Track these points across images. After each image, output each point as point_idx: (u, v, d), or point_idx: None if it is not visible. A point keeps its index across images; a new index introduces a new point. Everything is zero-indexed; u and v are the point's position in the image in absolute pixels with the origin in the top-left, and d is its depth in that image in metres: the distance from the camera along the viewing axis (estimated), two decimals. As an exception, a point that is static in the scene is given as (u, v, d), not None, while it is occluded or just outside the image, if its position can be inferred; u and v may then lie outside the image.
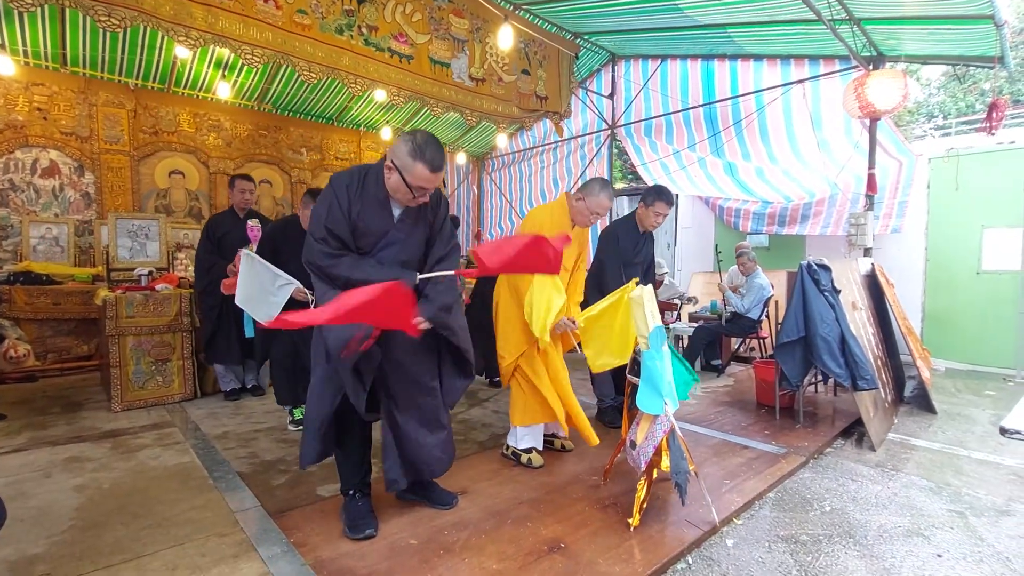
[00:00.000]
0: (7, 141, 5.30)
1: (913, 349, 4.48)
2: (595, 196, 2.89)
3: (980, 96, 14.89)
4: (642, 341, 2.42)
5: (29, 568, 1.96)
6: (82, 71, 5.60)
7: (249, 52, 3.67)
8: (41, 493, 2.58)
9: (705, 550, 2.26)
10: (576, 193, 2.98)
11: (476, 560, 2.05)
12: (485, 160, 9.34)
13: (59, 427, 3.60)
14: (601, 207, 2.90)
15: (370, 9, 4.24)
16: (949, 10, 3.78)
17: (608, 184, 2.98)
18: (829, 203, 6.00)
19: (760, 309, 5.38)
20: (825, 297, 3.71)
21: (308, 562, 2.02)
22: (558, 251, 2.00)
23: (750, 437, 3.56)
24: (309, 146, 7.30)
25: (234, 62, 5.79)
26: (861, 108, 4.37)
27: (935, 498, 2.79)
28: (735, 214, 7.30)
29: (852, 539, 2.36)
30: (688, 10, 4.76)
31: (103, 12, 3.16)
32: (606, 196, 2.90)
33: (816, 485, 2.94)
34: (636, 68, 6.89)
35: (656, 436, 2.32)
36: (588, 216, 2.94)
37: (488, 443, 3.43)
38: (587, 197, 2.91)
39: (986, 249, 5.99)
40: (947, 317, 6.24)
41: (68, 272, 5.28)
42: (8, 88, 5.27)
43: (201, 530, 2.25)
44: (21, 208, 5.41)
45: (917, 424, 4.05)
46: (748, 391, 4.78)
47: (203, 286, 4.21)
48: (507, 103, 5.39)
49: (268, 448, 3.28)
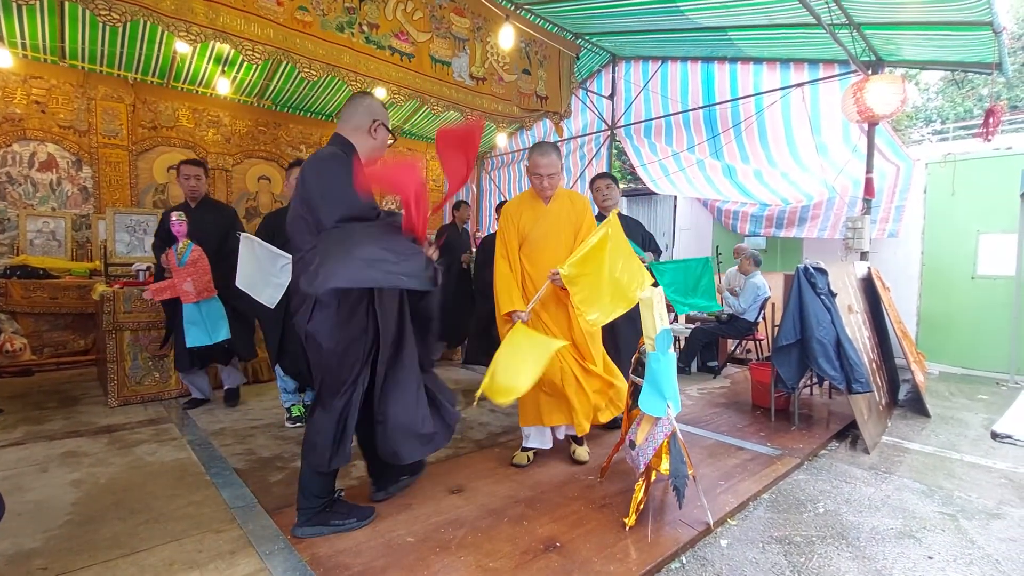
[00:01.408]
0: (4, 134, 5.28)
1: (908, 353, 4.51)
2: (529, 157, 2.90)
3: (978, 101, 14.96)
4: (648, 343, 2.43)
5: (26, 562, 1.97)
6: (81, 65, 5.58)
7: (250, 48, 3.66)
8: (38, 487, 2.59)
9: (699, 550, 2.28)
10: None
11: (472, 558, 2.06)
12: (485, 159, 9.34)
13: (56, 422, 3.59)
14: (534, 167, 2.86)
15: (371, 7, 4.24)
16: (948, 16, 3.80)
17: (541, 144, 2.88)
18: (827, 206, 6.03)
19: (757, 311, 5.40)
20: (821, 300, 3.73)
21: (305, 559, 2.03)
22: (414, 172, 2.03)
23: (745, 438, 3.58)
24: (308, 143, 7.29)
25: (234, 58, 5.78)
26: (860, 112, 4.40)
27: (927, 501, 2.81)
28: (733, 216, 7.32)
29: (845, 540, 2.38)
30: (689, 12, 4.78)
31: (104, 6, 3.15)
32: (537, 154, 2.84)
33: (810, 487, 2.96)
34: (636, 69, 6.90)
35: (657, 438, 2.34)
36: (535, 183, 2.91)
37: (485, 442, 3.45)
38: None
39: (981, 254, 6.03)
40: (942, 321, 6.28)
41: (65, 266, 5.27)
42: (6, 81, 5.25)
43: (198, 526, 2.26)
44: (18, 202, 5.39)
45: (911, 427, 4.08)
46: (744, 393, 4.81)
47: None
48: (507, 102, 5.39)
49: (265, 445, 3.28)
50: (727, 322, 5.54)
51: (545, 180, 2.87)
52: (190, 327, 3.61)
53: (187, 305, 3.61)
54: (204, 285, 3.65)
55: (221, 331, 3.72)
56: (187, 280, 3.58)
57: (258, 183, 6.91)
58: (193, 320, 3.62)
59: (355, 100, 2.32)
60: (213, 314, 3.70)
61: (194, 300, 3.61)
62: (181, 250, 3.60)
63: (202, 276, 3.64)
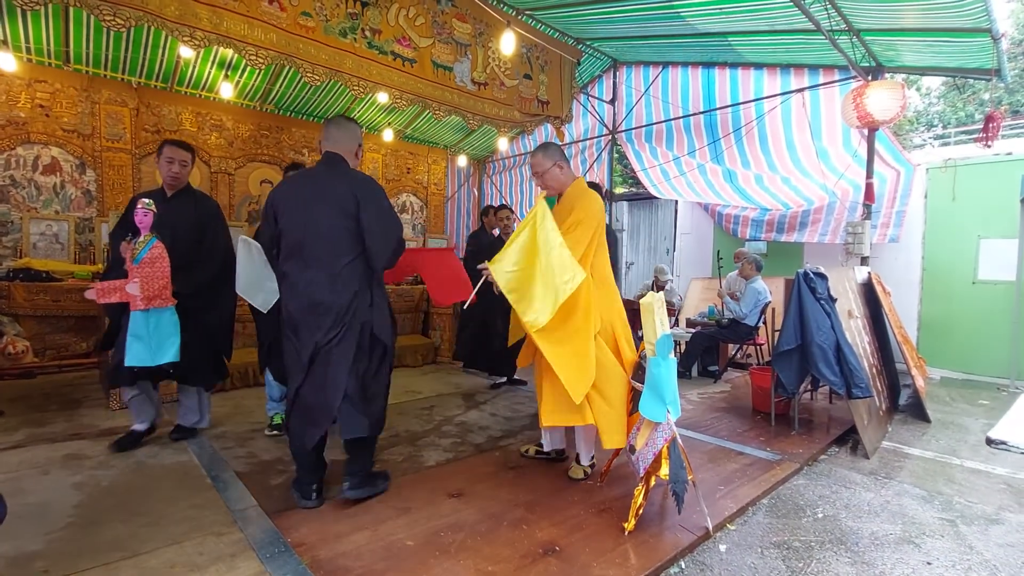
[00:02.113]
0: (9, 137, 5.31)
1: (908, 358, 4.52)
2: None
3: (980, 106, 14.98)
4: (649, 348, 2.44)
5: (28, 564, 1.98)
6: (85, 69, 5.62)
7: (253, 53, 3.69)
8: (39, 490, 2.60)
9: (698, 555, 2.28)
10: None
11: (472, 562, 2.07)
12: (486, 163, 9.37)
13: (58, 424, 3.61)
14: (533, 166, 2.93)
15: (374, 13, 4.27)
16: (947, 23, 3.82)
17: (543, 144, 2.94)
18: (827, 211, 6.04)
19: (757, 315, 5.41)
20: (821, 305, 3.74)
21: (305, 562, 2.04)
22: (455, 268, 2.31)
23: (745, 443, 3.58)
24: (311, 147, 7.31)
25: (237, 62, 5.81)
26: (860, 118, 4.41)
27: (927, 506, 2.82)
28: (734, 220, 7.34)
29: (844, 546, 2.39)
30: (690, 18, 4.80)
31: (108, 12, 3.17)
32: (537, 152, 2.92)
33: (809, 492, 2.97)
34: (637, 74, 6.93)
35: (657, 443, 2.35)
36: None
37: (485, 446, 3.45)
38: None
39: (982, 259, 6.04)
40: (943, 326, 6.28)
41: (68, 269, 5.29)
42: (10, 85, 5.28)
43: (199, 529, 2.27)
44: (22, 204, 5.42)
45: (911, 432, 4.08)
46: (744, 397, 4.81)
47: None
48: (509, 107, 5.41)
49: (266, 448, 3.29)
50: (728, 327, 5.54)
51: (536, 179, 2.93)
52: (133, 341, 2.89)
53: (134, 313, 2.89)
54: (157, 291, 2.92)
55: (167, 352, 2.96)
56: (136, 281, 2.89)
57: (260, 187, 6.93)
58: (137, 333, 2.89)
59: (346, 124, 2.66)
60: (163, 329, 2.97)
61: (142, 308, 2.90)
62: (140, 244, 2.91)
63: (157, 279, 2.93)
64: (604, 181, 7.58)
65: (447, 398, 4.64)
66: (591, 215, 2.75)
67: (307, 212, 2.47)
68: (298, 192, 2.54)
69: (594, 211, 2.77)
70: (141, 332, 2.91)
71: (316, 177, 2.57)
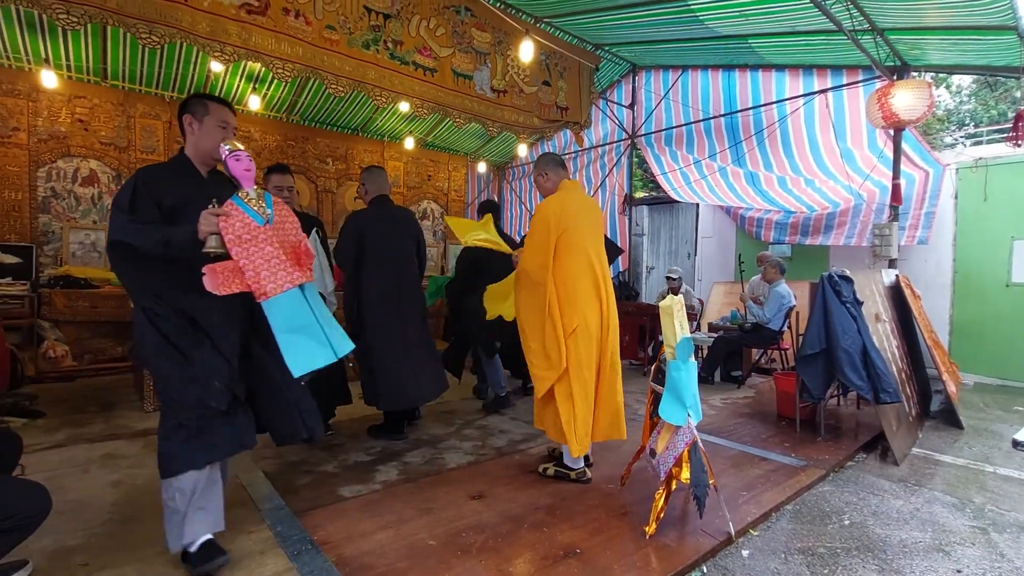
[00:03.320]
0: (50, 151, 5.56)
1: (939, 362, 4.40)
2: None
3: (1012, 104, 14.51)
4: (669, 351, 2.44)
5: (68, 558, 2.07)
6: (121, 84, 5.86)
7: (280, 66, 3.81)
8: (79, 488, 2.71)
9: (720, 560, 2.27)
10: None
11: (493, 562, 2.10)
12: (506, 169, 9.44)
13: (95, 425, 3.75)
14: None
15: (396, 24, 4.37)
16: (971, 20, 3.74)
17: (540, 155, 3.34)
18: (853, 213, 5.93)
19: (782, 320, 5.33)
20: (847, 309, 3.68)
21: (331, 559, 2.09)
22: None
23: (769, 449, 3.54)
24: (335, 156, 7.48)
25: (265, 75, 5.99)
26: (885, 119, 4.34)
27: (958, 514, 2.75)
28: (757, 223, 7.25)
29: (871, 553, 2.35)
30: (708, 22, 4.79)
31: (144, 30, 3.32)
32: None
33: (836, 498, 2.92)
34: (657, 78, 6.93)
35: (677, 447, 2.35)
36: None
37: (506, 449, 3.48)
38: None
39: (1016, 261, 5.85)
40: (975, 330, 6.10)
41: (105, 276, 5.49)
42: (52, 101, 5.53)
43: (229, 526, 2.32)
44: (62, 215, 5.66)
45: (942, 439, 3.98)
46: (769, 403, 4.74)
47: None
48: (528, 114, 5.46)
49: (293, 450, 3.37)
50: (751, 331, 5.47)
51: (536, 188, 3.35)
52: (291, 337, 1.89)
53: (278, 299, 1.88)
54: (299, 258, 2.05)
55: (343, 335, 2.05)
56: (274, 249, 1.91)
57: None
58: (295, 321, 1.91)
59: (384, 173, 3.96)
60: (323, 308, 2.04)
61: (296, 284, 1.93)
62: (254, 200, 1.92)
63: (295, 245, 2.06)
64: (624, 185, 7.57)
65: (468, 402, 4.68)
66: (535, 223, 2.97)
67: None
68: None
69: (538, 219, 2.96)
70: (302, 319, 1.93)
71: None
